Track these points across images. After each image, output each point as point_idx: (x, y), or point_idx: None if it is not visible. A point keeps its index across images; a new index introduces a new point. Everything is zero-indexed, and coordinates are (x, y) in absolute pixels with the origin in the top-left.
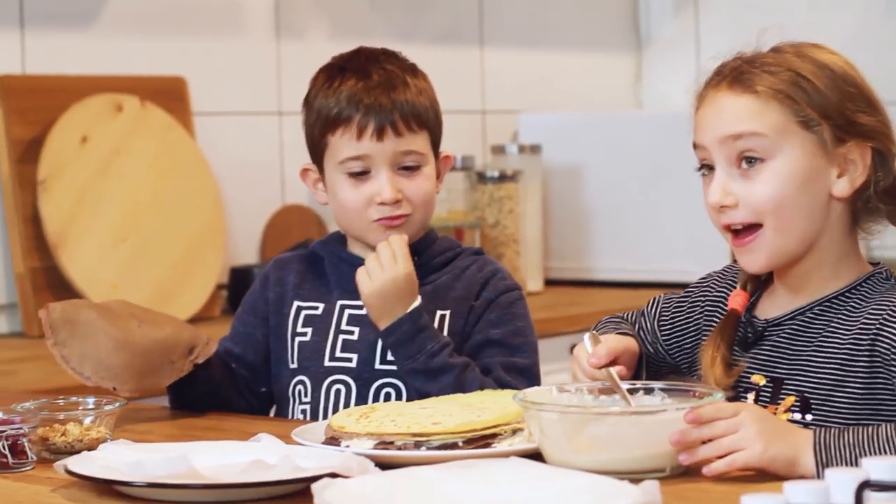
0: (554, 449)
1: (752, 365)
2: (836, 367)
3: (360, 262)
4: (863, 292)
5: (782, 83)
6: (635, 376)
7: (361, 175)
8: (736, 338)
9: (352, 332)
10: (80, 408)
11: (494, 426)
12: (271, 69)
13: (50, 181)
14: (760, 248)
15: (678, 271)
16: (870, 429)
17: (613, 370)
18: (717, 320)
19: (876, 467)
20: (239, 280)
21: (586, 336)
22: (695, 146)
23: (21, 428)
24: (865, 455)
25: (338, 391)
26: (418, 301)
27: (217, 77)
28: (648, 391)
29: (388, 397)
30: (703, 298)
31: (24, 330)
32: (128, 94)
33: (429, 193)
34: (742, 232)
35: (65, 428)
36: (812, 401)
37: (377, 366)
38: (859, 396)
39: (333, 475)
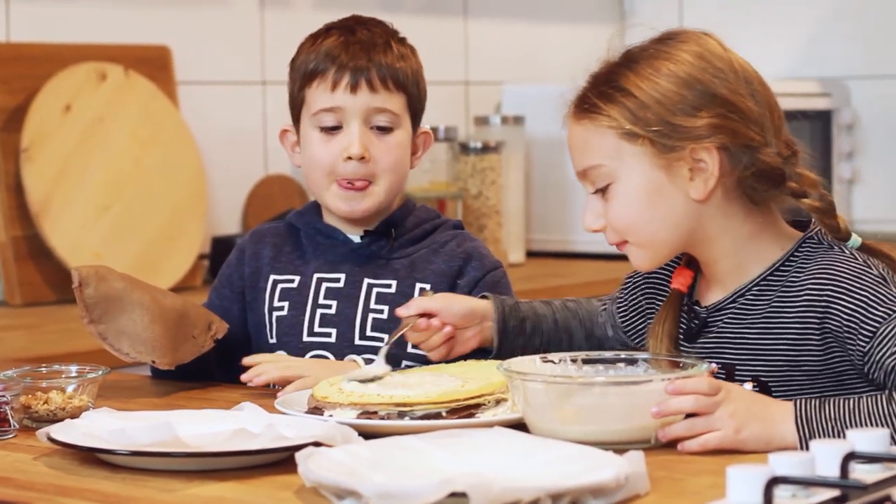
0: (538, 419)
1: (702, 354)
2: (788, 346)
3: (336, 232)
4: (798, 262)
5: (609, 105)
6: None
7: (333, 130)
8: (681, 328)
9: (329, 307)
10: (63, 376)
11: (478, 396)
12: (255, 38)
13: (33, 150)
14: (633, 255)
15: None
16: (850, 401)
17: (408, 326)
18: (658, 302)
19: (861, 439)
20: (221, 250)
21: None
22: None
23: (3, 396)
24: (848, 427)
25: None
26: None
27: (201, 46)
28: (632, 362)
29: None
30: (642, 280)
31: (5, 299)
32: (112, 63)
33: (398, 160)
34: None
35: (47, 396)
36: (770, 383)
37: (357, 341)
38: (817, 371)
39: (317, 444)
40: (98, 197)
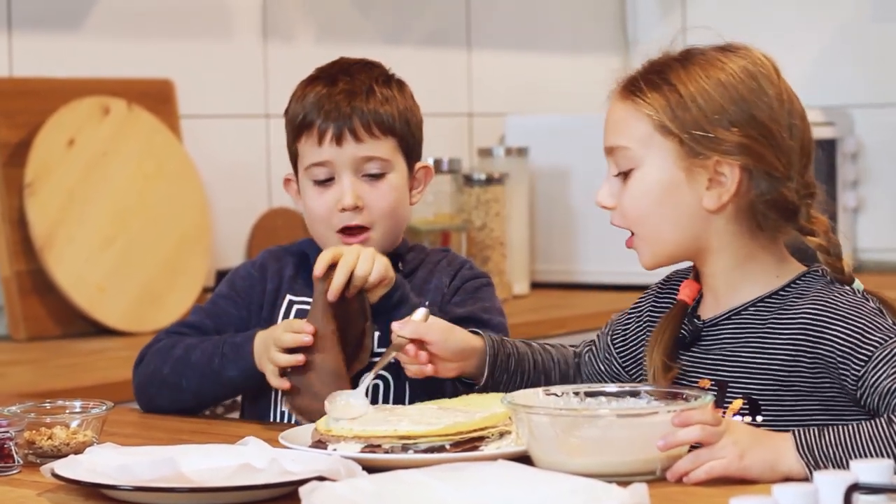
0: (543, 452)
1: (697, 368)
2: (779, 367)
3: None
4: (797, 290)
5: (654, 94)
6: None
7: (326, 182)
8: (679, 335)
9: None
10: (67, 411)
11: (482, 429)
12: (258, 72)
13: (37, 184)
14: (639, 250)
15: (663, 274)
16: (850, 427)
17: (397, 347)
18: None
19: (864, 469)
20: None
21: (422, 309)
22: None
23: (7, 431)
24: (851, 453)
25: None
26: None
27: (204, 80)
28: (635, 394)
29: (375, 389)
30: (645, 309)
31: (10, 333)
32: (115, 97)
33: (394, 204)
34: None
35: (51, 431)
36: (760, 402)
37: None
38: (807, 394)
39: (321, 478)
40: (102, 231)
